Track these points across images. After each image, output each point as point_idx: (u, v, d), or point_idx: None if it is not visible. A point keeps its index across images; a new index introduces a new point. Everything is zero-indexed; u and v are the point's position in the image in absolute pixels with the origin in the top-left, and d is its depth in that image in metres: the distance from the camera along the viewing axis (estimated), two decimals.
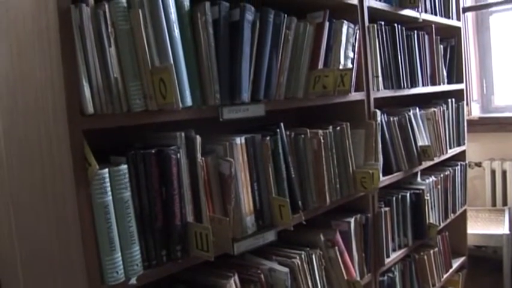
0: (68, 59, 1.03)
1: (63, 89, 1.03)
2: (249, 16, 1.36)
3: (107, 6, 1.10)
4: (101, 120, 1.10)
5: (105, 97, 1.09)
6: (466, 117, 2.92)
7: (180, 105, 1.17)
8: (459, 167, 2.77)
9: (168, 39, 1.18)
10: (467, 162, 2.91)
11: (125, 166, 1.12)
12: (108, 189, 1.09)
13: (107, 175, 1.09)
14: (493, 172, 3.53)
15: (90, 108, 1.06)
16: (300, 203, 1.56)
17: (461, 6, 2.94)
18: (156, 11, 1.16)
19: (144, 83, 1.14)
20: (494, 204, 3.53)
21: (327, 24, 1.66)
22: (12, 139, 1.29)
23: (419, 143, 2.26)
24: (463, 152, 2.86)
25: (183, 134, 1.23)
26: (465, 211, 2.90)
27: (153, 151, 1.17)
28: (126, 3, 1.13)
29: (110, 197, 1.10)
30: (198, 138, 1.25)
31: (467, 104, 3.30)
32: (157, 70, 1.12)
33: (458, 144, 2.81)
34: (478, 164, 3.60)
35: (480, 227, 3.17)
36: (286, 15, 1.49)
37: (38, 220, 1.23)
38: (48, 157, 1.13)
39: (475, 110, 3.78)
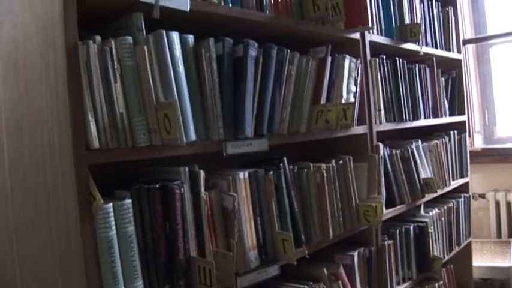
0: (75, 94, 1.05)
1: (69, 124, 1.04)
2: (252, 52, 1.39)
3: (113, 42, 1.13)
4: (106, 155, 1.11)
5: (111, 132, 1.10)
6: (468, 149, 2.93)
7: (184, 140, 1.18)
8: (463, 198, 2.76)
9: (172, 75, 1.20)
10: (470, 193, 2.90)
11: (129, 200, 1.13)
12: (112, 223, 1.10)
13: (111, 209, 1.10)
14: (497, 203, 3.51)
15: (96, 143, 1.07)
16: (303, 237, 1.56)
17: (461, 38, 2.98)
18: (161, 47, 1.19)
19: (148, 118, 1.15)
20: (499, 236, 3.49)
21: (329, 58, 1.68)
22: (17, 172, 1.30)
23: (422, 176, 2.27)
24: (467, 183, 2.86)
25: (187, 169, 1.24)
26: (470, 243, 2.87)
27: (157, 186, 1.18)
28: (132, 40, 1.16)
29: (114, 231, 1.10)
30: (202, 173, 1.26)
31: (469, 136, 3.31)
32: (162, 106, 1.14)
33: (462, 176, 2.80)
34: (482, 196, 3.58)
35: (486, 259, 3.14)
36: (288, 51, 1.52)
37: (41, 253, 1.23)
38: (53, 190, 1.14)
39: (477, 141, 3.78)
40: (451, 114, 2.74)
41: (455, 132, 2.74)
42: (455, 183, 2.68)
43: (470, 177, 2.89)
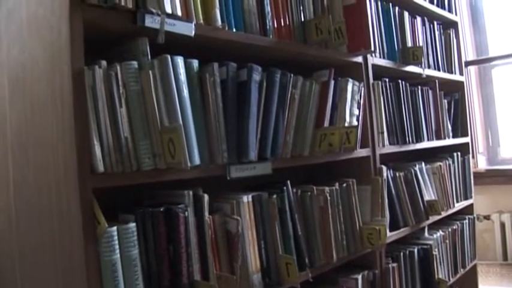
0: (80, 118, 1.06)
1: (75, 148, 1.05)
2: (256, 76, 1.41)
3: (118, 67, 1.14)
4: (111, 179, 1.11)
5: (116, 156, 1.11)
6: (472, 170, 2.92)
7: (189, 164, 1.19)
8: (467, 220, 2.75)
9: (177, 99, 1.21)
10: (475, 215, 2.88)
11: (133, 224, 1.13)
12: (116, 247, 1.10)
13: (116, 233, 1.10)
14: (502, 225, 3.49)
15: (101, 167, 1.08)
16: (306, 260, 1.55)
17: (463, 60, 3.00)
18: (166, 72, 1.20)
19: (153, 142, 1.16)
20: (505, 258, 3.46)
21: (332, 82, 1.70)
22: (22, 194, 1.30)
23: (426, 198, 2.26)
24: (471, 205, 2.85)
25: (191, 193, 1.25)
26: (475, 266, 2.85)
27: (161, 209, 1.18)
28: (137, 64, 1.18)
29: (118, 255, 1.10)
30: (206, 197, 1.26)
31: (473, 157, 3.31)
32: (167, 130, 1.15)
33: (466, 198, 2.80)
34: (487, 217, 3.56)
35: (492, 282, 3.11)
36: (292, 75, 1.54)
37: (45, 276, 1.22)
38: (57, 214, 1.14)
39: (481, 163, 3.78)
40: (454, 136, 2.74)
41: (459, 153, 2.74)
42: (459, 205, 2.67)
43: (474, 199, 2.88)
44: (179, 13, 1.24)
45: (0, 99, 1.38)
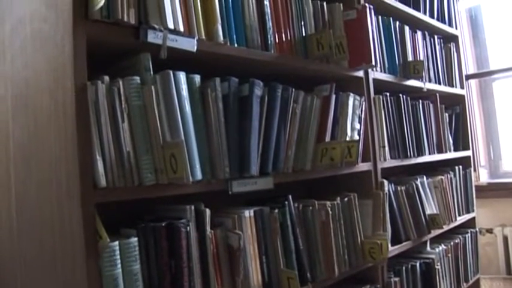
0: (83, 133, 1.07)
1: (77, 163, 1.06)
2: (258, 91, 1.41)
3: (121, 83, 1.15)
4: (113, 194, 1.12)
5: (118, 171, 1.12)
6: (474, 184, 2.92)
7: (190, 179, 1.19)
8: (469, 234, 2.74)
9: (179, 114, 1.22)
10: (477, 229, 2.87)
11: (135, 239, 1.13)
12: (118, 261, 1.10)
13: (117, 248, 1.10)
14: (505, 238, 3.47)
15: (103, 182, 1.08)
16: (308, 274, 1.55)
17: (464, 74, 3.02)
18: (168, 87, 1.21)
19: (155, 157, 1.17)
20: (508, 272, 3.44)
21: (333, 97, 1.71)
22: (24, 208, 1.31)
23: (428, 212, 2.26)
24: (473, 218, 2.84)
25: (192, 207, 1.25)
26: (478, 280, 2.83)
27: (163, 224, 1.19)
28: (140, 80, 1.19)
29: (120, 270, 1.10)
30: (208, 212, 1.27)
31: (474, 170, 3.30)
32: (169, 145, 1.16)
33: (468, 211, 2.79)
34: (490, 231, 3.54)
35: None
36: (293, 89, 1.55)
37: None
38: (59, 228, 1.14)
39: (483, 176, 3.77)
40: (455, 150, 2.74)
41: (460, 167, 2.74)
42: (461, 219, 2.67)
43: (476, 212, 2.87)
44: (181, 29, 1.26)
45: (3, 113, 1.38)
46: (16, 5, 1.34)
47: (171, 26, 1.22)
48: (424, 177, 2.33)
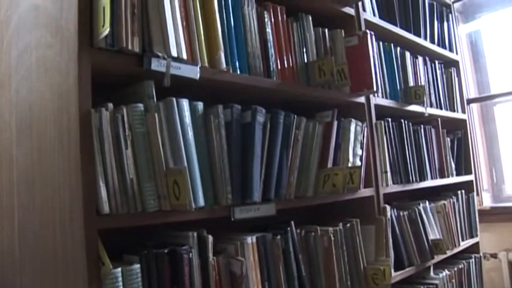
0: (87, 160, 1.08)
1: (81, 189, 1.06)
2: (260, 118, 1.43)
3: (125, 110, 1.17)
4: (116, 220, 1.12)
5: (121, 197, 1.12)
6: (477, 208, 2.91)
7: (193, 206, 1.20)
8: (473, 259, 2.71)
9: (182, 141, 1.23)
10: (481, 254, 2.85)
11: (138, 265, 1.13)
12: None
13: (120, 274, 1.10)
14: (510, 263, 3.42)
15: (106, 209, 1.09)
16: None
17: (465, 98, 3.03)
18: (171, 114, 1.23)
19: (158, 183, 1.18)
20: None
21: (335, 123, 1.72)
22: (27, 235, 1.31)
23: (431, 237, 2.25)
24: (477, 243, 2.82)
25: (195, 234, 1.25)
26: None
27: (165, 251, 1.18)
28: (143, 107, 1.20)
29: None
30: (210, 238, 1.27)
31: (477, 194, 3.29)
32: (172, 172, 1.16)
33: (471, 236, 2.77)
34: (494, 256, 3.50)
35: None
36: (295, 116, 1.56)
37: None
38: (62, 254, 1.14)
39: (486, 200, 3.75)
40: (458, 174, 2.74)
41: (463, 191, 2.73)
42: (465, 244, 2.65)
43: (480, 237, 2.85)
44: (184, 56, 1.27)
45: (7, 138, 1.39)
46: (22, 32, 1.36)
47: (174, 53, 1.24)
48: (427, 202, 2.33)
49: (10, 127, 1.38)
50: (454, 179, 2.65)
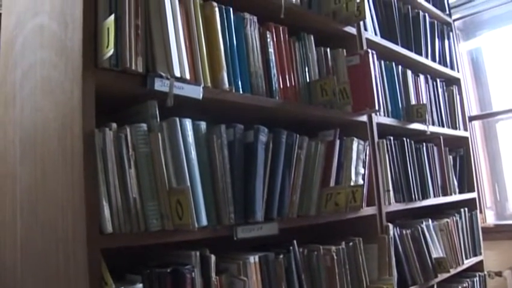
0: (90, 179, 1.08)
1: (84, 208, 1.07)
2: (263, 137, 1.43)
3: (128, 130, 1.17)
4: (119, 240, 1.12)
5: (124, 217, 1.13)
6: (480, 226, 2.89)
7: (196, 225, 1.20)
8: (478, 278, 2.69)
9: (185, 161, 1.24)
10: (486, 272, 2.83)
11: (140, 285, 1.13)
12: None
13: None
14: None
15: (109, 228, 1.09)
16: None
17: (467, 115, 3.03)
18: (174, 134, 1.23)
19: (161, 203, 1.18)
20: None
21: (337, 142, 1.72)
22: (29, 254, 1.31)
23: (434, 255, 2.24)
24: (481, 262, 2.80)
25: (197, 253, 1.25)
26: None
27: (168, 270, 1.18)
28: (147, 127, 1.21)
29: None
30: (213, 258, 1.26)
31: (481, 212, 3.28)
32: (175, 192, 1.17)
33: (475, 254, 2.75)
34: (499, 274, 3.47)
35: None
36: (298, 135, 1.57)
37: None
38: (64, 274, 1.14)
39: (489, 218, 3.73)
40: (460, 192, 2.73)
41: (466, 209, 2.71)
42: (469, 262, 2.63)
43: (484, 255, 2.83)
44: (188, 76, 1.29)
45: (11, 156, 1.40)
46: (27, 51, 1.38)
47: (177, 74, 1.26)
48: (430, 221, 2.32)
49: (14, 145, 1.39)
50: (457, 197, 2.64)
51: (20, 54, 1.42)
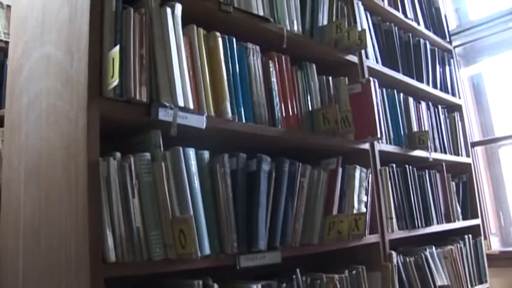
0: (94, 208, 1.09)
1: (87, 237, 1.07)
2: (265, 166, 1.44)
3: (132, 159, 1.18)
4: (122, 269, 1.12)
5: (127, 246, 1.13)
6: (485, 252, 2.87)
7: (199, 254, 1.20)
8: None
9: (188, 190, 1.24)
10: None
11: None
12: None
13: None
14: None
15: (113, 257, 1.09)
16: None
17: (469, 141, 3.04)
18: (177, 163, 1.24)
19: (164, 232, 1.18)
20: None
21: (340, 170, 1.73)
22: (31, 281, 1.30)
23: (438, 283, 2.21)
24: None
25: (200, 282, 1.24)
26: None
27: None
28: (150, 156, 1.22)
29: None
30: (216, 286, 1.26)
31: (485, 238, 3.25)
32: (178, 221, 1.17)
33: (480, 282, 2.72)
34: None
35: None
36: (300, 164, 1.57)
37: None
38: None
39: (494, 244, 3.70)
40: (464, 218, 2.72)
41: (470, 236, 2.70)
42: None
43: (490, 283, 2.80)
44: (191, 106, 1.30)
45: (16, 184, 1.41)
46: (34, 80, 1.39)
47: (181, 103, 1.27)
48: (433, 248, 2.31)
49: (19, 173, 1.40)
50: (461, 223, 2.63)
51: (26, 82, 1.44)
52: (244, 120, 1.47)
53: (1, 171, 1.60)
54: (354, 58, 2.05)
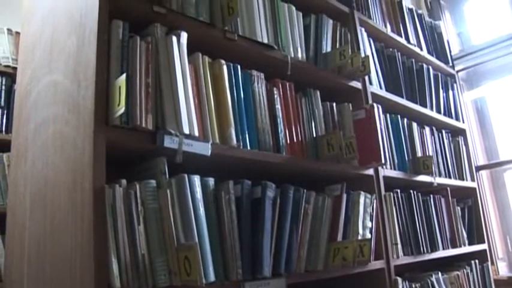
0: (99, 235, 1.09)
1: (93, 264, 1.07)
2: (270, 193, 1.45)
3: (137, 186, 1.19)
4: None
5: (132, 273, 1.13)
6: (493, 278, 2.83)
7: (204, 281, 1.19)
8: None
9: (193, 217, 1.24)
10: None
11: None
12: None
13: None
14: None
15: (118, 284, 1.09)
16: None
17: (474, 165, 3.03)
18: (183, 191, 1.25)
19: (169, 259, 1.18)
20: None
21: (344, 196, 1.73)
22: None
23: None
24: None
25: None
26: None
27: None
28: (156, 183, 1.22)
29: None
30: None
31: (492, 263, 3.22)
32: (183, 248, 1.17)
33: None
34: None
35: None
36: (305, 190, 1.58)
37: None
38: None
39: (502, 269, 3.67)
40: (470, 243, 2.70)
41: (477, 261, 2.67)
42: None
43: None
44: (196, 133, 1.31)
45: (21, 210, 1.41)
46: (41, 106, 1.41)
47: (186, 131, 1.28)
48: (439, 273, 2.28)
49: (24, 199, 1.41)
50: (467, 249, 2.61)
51: (33, 108, 1.46)
52: (248, 147, 1.48)
53: (7, 195, 1.60)
54: (357, 84, 2.07)
